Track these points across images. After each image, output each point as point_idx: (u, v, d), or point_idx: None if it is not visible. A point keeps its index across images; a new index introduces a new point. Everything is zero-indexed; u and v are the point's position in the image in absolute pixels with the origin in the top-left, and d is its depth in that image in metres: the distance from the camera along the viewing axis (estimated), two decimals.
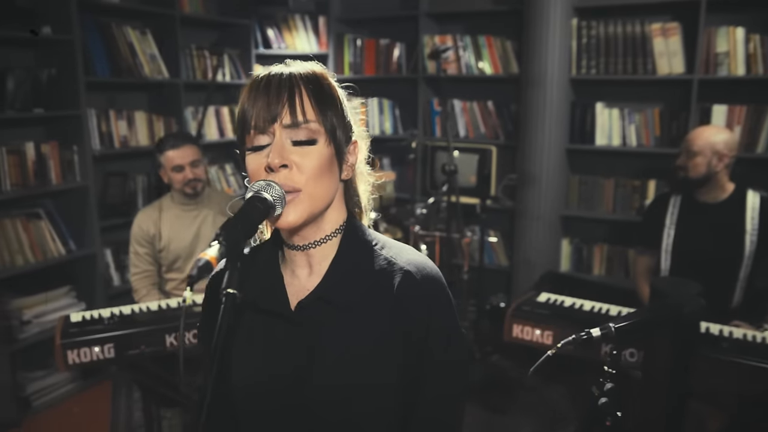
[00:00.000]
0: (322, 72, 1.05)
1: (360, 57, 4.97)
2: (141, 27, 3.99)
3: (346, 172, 1.07)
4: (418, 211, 4.11)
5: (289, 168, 0.98)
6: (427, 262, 1.08)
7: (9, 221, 3.35)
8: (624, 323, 1.56)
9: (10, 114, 3.30)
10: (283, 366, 1.05)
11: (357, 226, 1.10)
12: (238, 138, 1.03)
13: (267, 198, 0.95)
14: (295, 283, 1.08)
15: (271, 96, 0.98)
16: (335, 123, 1.02)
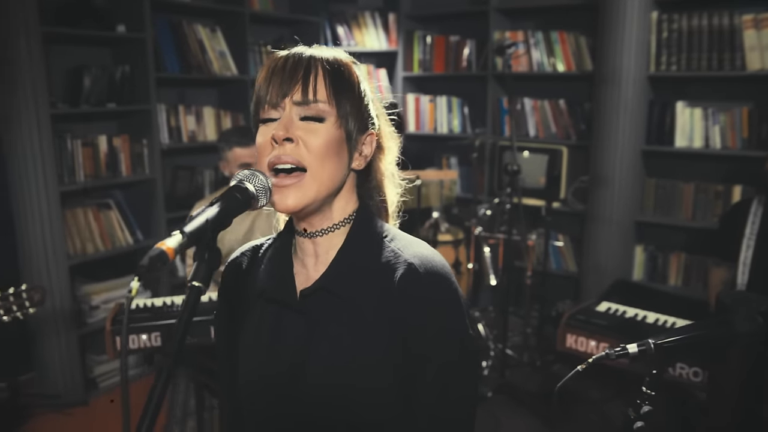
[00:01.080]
0: (346, 60, 1.03)
1: (429, 54, 4.90)
2: (211, 25, 4.08)
3: (357, 162, 1.04)
4: (481, 211, 3.99)
5: (295, 143, 0.96)
6: (434, 257, 1.02)
7: (81, 210, 3.52)
8: (665, 340, 1.41)
9: (85, 109, 3.46)
10: (284, 358, 1.02)
11: (368, 217, 1.07)
12: (253, 114, 1.03)
13: (248, 188, 0.93)
14: (303, 272, 1.06)
15: (286, 73, 0.97)
16: (348, 109, 0.99)
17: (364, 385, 0.97)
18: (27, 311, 2.22)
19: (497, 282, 3.77)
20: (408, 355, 0.98)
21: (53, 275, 3.26)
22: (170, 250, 0.79)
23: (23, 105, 3.11)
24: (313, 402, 0.99)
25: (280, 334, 1.04)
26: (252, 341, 1.07)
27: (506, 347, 3.60)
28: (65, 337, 3.36)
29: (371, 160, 1.08)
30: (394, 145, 1.13)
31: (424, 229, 4.00)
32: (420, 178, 3.68)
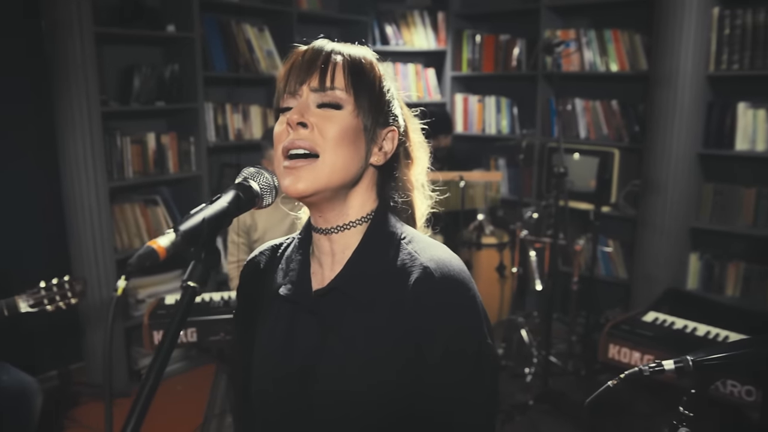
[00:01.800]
0: (368, 55, 1.01)
1: (479, 53, 4.81)
2: (259, 24, 4.12)
3: (376, 157, 1.01)
4: (528, 214, 3.89)
5: (310, 129, 0.94)
6: (452, 261, 0.98)
7: (129, 206, 3.60)
8: (705, 358, 1.31)
9: (135, 107, 3.54)
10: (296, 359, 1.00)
11: (386, 217, 1.03)
12: (274, 106, 1.02)
13: (252, 187, 0.91)
14: (320, 272, 1.04)
15: (305, 61, 0.97)
16: (366, 100, 0.97)
17: (375, 389, 0.94)
18: (69, 301, 2.28)
19: (542, 287, 3.66)
20: (421, 362, 0.94)
21: (101, 268, 3.35)
22: (161, 249, 0.77)
23: (76, 103, 3.20)
24: (322, 404, 0.97)
25: (293, 334, 1.02)
26: (267, 341, 1.06)
27: (550, 354, 3.49)
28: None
29: (398, 167, 1.06)
30: (424, 156, 1.11)
31: (468, 231, 3.93)
32: (464, 179, 3.62)
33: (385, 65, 1.04)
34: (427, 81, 5.07)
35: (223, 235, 4.03)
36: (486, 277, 3.83)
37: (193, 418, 3.08)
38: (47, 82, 3.30)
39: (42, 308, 2.22)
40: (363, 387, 0.94)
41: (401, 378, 0.94)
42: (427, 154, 1.12)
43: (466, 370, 0.94)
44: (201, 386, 3.45)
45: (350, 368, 0.95)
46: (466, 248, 3.87)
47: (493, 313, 3.82)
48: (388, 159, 1.03)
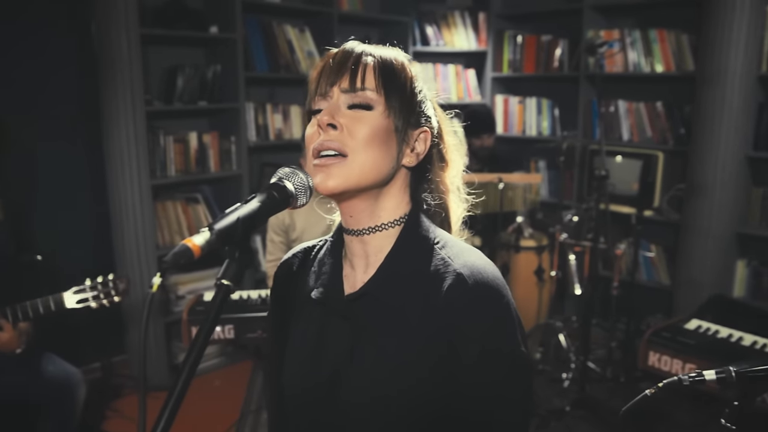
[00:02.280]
0: (399, 57, 1.00)
1: (520, 54, 4.76)
2: (300, 25, 4.16)
3: (409, 158, 1.00)
4: (567, 217, 3.83)
5: (339, 130, 0.94)
6: (486, 267, 0.96)
7: (171, 204, 3.68)
8: (750, 369, 1.27)
9: (178, 106, 3.61)
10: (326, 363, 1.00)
11: (420, 221, 1.02)
12: (306, 108, 1.02)
13: (287, 187, 0.91)
14: (353, 275, 1.03)
15: (335, 63, 0.97)
16: (398, 100, 0.97)
17: (405, 394, 0.93)
18: (112, 299, 2.34)
19: (581, 291, 3.60)
20: (453, 370, 0.92)
21: (143, 265, 3.42)
22: (196, 248, 0.78)
23: (122, 102, 3.28)
24: (353, 409, 0.96)
25: (324, 338, 1.02)
26: (298, 344, 1.06)
27: (588, 360, 3.43)
28: (153, 324, 3.53)
29: (431, 170, 1.04)
30: (459, 158, 1.09)
31: (506, 234, 3.89)
32: (503, 181, 3.58)
33: (418, 66, 1.04)
34: (468, 82, 5.04)
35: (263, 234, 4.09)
36: (524, 280, 3.78)
37: (229, 413, 3.13)
38: (95, 82, 3.40)
39: (87, 305, 2.28)
40: (393, 393, 0.93)
41: (432, 385, 0.93)
42: (462, 157, 1.09)
43: (500, 378, 0.93)
44: (238, 382, 3.50)
45: (381, 373, 0.94)
46: (504, 251, 3.83)
47: (530, 317, 3.77)
48: (421, 161, 1.02)
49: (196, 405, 3.35)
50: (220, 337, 2.50)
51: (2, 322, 2.22)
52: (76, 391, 2.45)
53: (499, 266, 3.67)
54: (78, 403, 2.46)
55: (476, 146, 4.00)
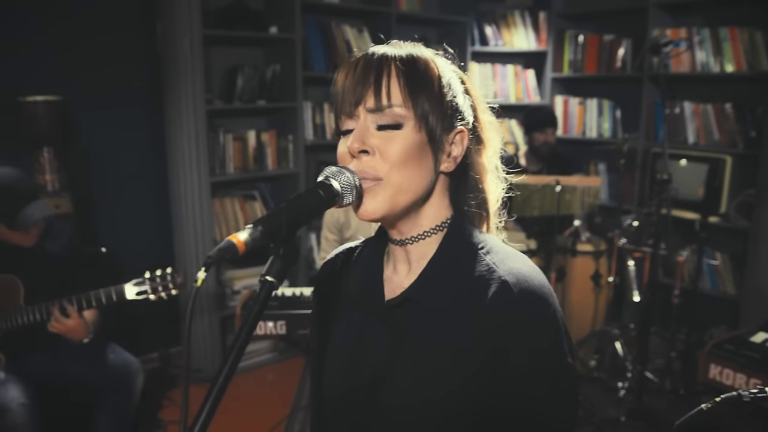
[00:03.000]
0: (423, 55, 0.96)
1: (581, 54, 4.66)
2: (358, 25, 4.18)
3: (446, 164, 0.96)
4: (627, 222, 3.72)
5: (372, 154, 0.92)
6: (533, 275, 0.93)
7: (229, 200, 3.76)
8: None
9: (237, 105, 3.69)
10: (366, 368, 0.99)
11: (462, 225, 1.00)
12: (335, 122, 0.99)
13: (333, 185, 0.90)
14: (394, 279, 1.02)
15: (357, 78, 0.93)
16: (428, 108, 0.92)
17: (445, 402, 0.91)
18: (170, 292, 2.40)
19: (640, 299, 3.49)
20: (496, 379, 0.90)
21: (200, 260, 3.52)
22: (241, 244, 0.79)
23: (184, 101, 3.38)
24: (391, 415, 0.95)
25: (364, 343, 1.01)
26: (338, 348, 1.05)
27: (646, 370, 3.32)
28: (208, 318, 3.62)
29: (468, 155, 1.00)
30: (496, 137, 1.04)
31: (563, 237, 3.81)
32: (560, 183, 3.51)
33: (442, 56, 1.00)
34: (527, 82, 4.96)
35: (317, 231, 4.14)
36: (580, 285, 3.70)
37: (281, 407, 3.18)
38: (159, 81, 3.51)
39: (146, 297, 2.36)
40: (433, 399, 0.92)
41: (472, 393, 0.91)
42: (499, 134, 1.05)
43: (544, 390, 0.90)
44: (290, 378, 3.56)
45: (420, 379, 0.93)
46: (561, 255, 3.75)
47: (585, 323, 3.68)
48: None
49: (248, 398, 3.42)
50: (272, 333, 2.54)
51: (69, 308, 2.32)
52: (134, 379, 2.53)
53: (554, 270, 3.60)
54: (135, 391, 2.54)
55: (539, 142, 3.94)
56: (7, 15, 3.11)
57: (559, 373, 0.90)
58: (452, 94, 0.96)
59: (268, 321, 2.52)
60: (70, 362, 2.50)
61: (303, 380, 3.19)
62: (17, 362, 2.40)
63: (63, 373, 2.50)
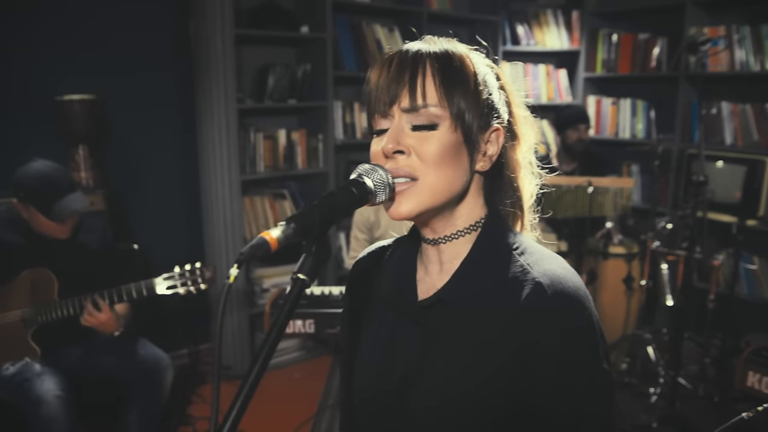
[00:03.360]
0: (458, 51, 0.94)
1: (614, 53, 4.58)
2: (389, 24, 4.18)
3: (481, 163, 0.95)
4: (661, 224, 3.64)
5: (407, 154, 0.90)
6: (568, 277, 0.90)
7: (259, 199, 3.79)
8: None
9: (268, 104, 3.71)
10: (396, 369, 0.98)
11: (497, 225, 0.98)
12: (368, 121, 0.98)
13: (366, 183, 0.89)
14: (427, 279, 1.00)
15: (392, 76, 0.91)
16: (464, 106, 0.90)
17: (475, 405, 0.90)
18: (199, 287, 2.43)
19: (674, 303, 3.42)
20: (528, 382, 0.88)
21: (231, 257, 3.55)
22: (273, 241, 0.79)
23: (216, 100, 3.42)
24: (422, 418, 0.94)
25: (396, 343, 1.00)
26: (370, 348, 1.04)
27: (678, 375, 3.25)
28: (237, 315, 3.65)
29: (503, 152, 0.98)
30: (531, 131, 1.02)
31: (594, 239, 3.75)
32: (593, 184, 3.46)
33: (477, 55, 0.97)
34: (559, 82, 4.90)
35: (347, 231, 4.14)
36: (612, 288, 3.64)
37: (308, 406, 3.19)
38: (190, 80, 3.55)
39: (175, 291, 2.39)
40: (463, 402, 0.90)
41: (504, 396, 0.89)
42: (534, 129, 1.03)
43: (578, 395, 0.88)
44: (317, 376, 3.56)
45: (451, 381, 0.91)
46: (592, 257, 3.69)
47: (617, 327, 3.62)
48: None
49: (275, 396, 3.44)
50: (301, 331, 2.55)
51: (100, 302, 2.36)
52: (164, 374, 2.56)
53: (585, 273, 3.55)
54: (165, 386, 2.57)
55: (572, 139, 3.89)
56: (44, 17, 3.18)
57: (594, 379, 0.88)
58: (488, 92, 0.94)
59: (297, 319, 2.53)
60: (102, 356, 2.55)
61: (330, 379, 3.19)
62: (52, 355, 2.45)
63: (95, 367, 2.54)
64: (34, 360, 2.40)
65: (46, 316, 2.42)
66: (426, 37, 0.97)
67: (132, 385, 2.52)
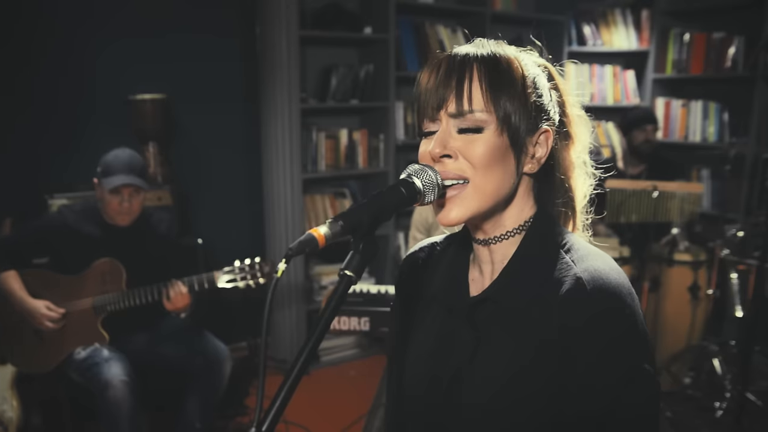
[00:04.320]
0: (507, 54, 0.94)
1: (686, 53, 4.42)
2: (452, 25, 4.17)
3: (529, 165, 0.95)
4: (731, 232, 3.50)
5: (454, 158, 0.92)
6: (610, 273, 0.90)
7: (320, 197, 3.86)
8: None
9: (330, 104, 3.77)
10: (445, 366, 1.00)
11: (545, 224, 0.98)
12: (417, 122, 1.00)
13: (415, 183, 0.90)
14: (480, 279, 1.02)
15: (439, 81, 0.93)
16: (510, 110, 0.91)
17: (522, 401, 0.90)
18: (258, 281, 2.50)
19: (743, 314, 3.28)
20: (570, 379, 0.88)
21: None
22: (321, 237, 0.81)
23: (280, 99, 3.50)
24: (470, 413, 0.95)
25: (446, 339, 1.01)
26: (420, 344, 1.06)
27: (747, 391, 3.11)
28: (296, 310, 3.73)
29: (554, 153, 0.98)
30: (585, 131, 1.02)
31: (659, 246, 3.63)
32: (658, 189, 3.36)
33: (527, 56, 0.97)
34: (626, 83, 4.77)
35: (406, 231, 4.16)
36: (676, 296, 3.51)
37: (362, 403, 3.21)
38: (255, 80, 3.64)
39: (235, 284, 2.46)
40: (511, 398, 0.91)
41: (548, 393, 0.89)
42: (588, 129, 1.03)
43: (617, 395, 0.86)
44: (373, 374, 3.59)
45: (499, 378, 0.92)
46: (656, 264, 3.58)
47: (680, 337, 3.49)
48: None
49: (330, 393, 3.49)
50: (356, 329, 2.58)
51: (182, 287, 2.48)
52: (223, 365, 2.65)
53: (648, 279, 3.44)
54: (223, 377, 2.66)
55: (639, 140, 3.78)
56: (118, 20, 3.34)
57: (634, 380, 0.87)
58: (537, 94, 0.94)
59: (353, 317, 2.57)
60: (165, 345, 2.66)
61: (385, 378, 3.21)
62: (119, 342, 2.57)
63: (157, 355, 2.66)
64: (102, 345, 2.53)
65: (114, 305, 2.54)
66: (476, 40, 0.97)
67: (192, 374, 2.62)
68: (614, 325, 0.87)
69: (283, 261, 0.80)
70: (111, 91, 3.32)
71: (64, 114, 3.27)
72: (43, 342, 2.56)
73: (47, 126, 3.24)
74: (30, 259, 2.70)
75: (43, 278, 2.60)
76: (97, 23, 3.29)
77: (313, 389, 3.56)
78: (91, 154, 2.68)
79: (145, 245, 2.67)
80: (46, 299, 2.53)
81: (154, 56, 3.42)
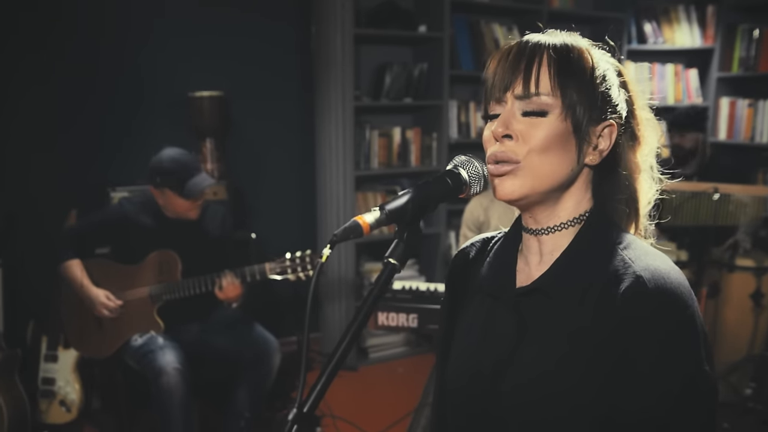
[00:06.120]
0: (577, 44, 0.95)
1: (755, 50, 4.25)
2: (508, 23, 4.13)
3: (591, 156, 0.95)
4: None
5: (515, 139, 0.92)
6: (671, 273, 0.88)
7: (371, 195, 3.89)
8: None
9: (384, 102, 3.80)
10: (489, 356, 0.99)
11: (601, 219, 0.97)
12: (483, 107, 1.01)
13: (461, 174, 0.92)
14: (526, 270, 1.01)
15: (509, 64, 0.93)
16: (576, 98, 0.91)
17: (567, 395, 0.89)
18: (307, 273, 2.55)
19: None
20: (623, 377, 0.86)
21: (342, 249, 3.66)
22: (365, 225, 0.83)
23: (334, 97, 3.54)
24: (513, 405, 0.94)
25: (491, 329, 1.01)
26: (465, 336, 1.06)
27: None
28: (346, 306, 3.76)
29: (619, 150, 0.97)
30: (653, 135, 1.00)
31: (719, 250, 3.50)
32: (719, 191, 3.23)
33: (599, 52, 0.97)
34: (688, 82, 4.62)
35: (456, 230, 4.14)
36: (737, 303, 3.38)
37: (409, 400, 3.22)
38: (310, 78, 3.70)
39: (285, 276, 2.51)
40: (555, 391, 0.90)
41: (597, 389, 0.87)
42: (657, 133, 1.01)
43: (673, 397, 0.84)
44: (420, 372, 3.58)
45: (543, 370, 0.91)
46: (716, 269, 3.45)
47: (741, 346, 3.36)
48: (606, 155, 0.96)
49: (378, 389, 3.51)
50: (404, 325, 2.58)
51: (235, 279, 2.54)
52: (272, 358, 2.70)
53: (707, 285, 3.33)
54: (272, 369, 2.71)
55: (673, 143, 3.61)
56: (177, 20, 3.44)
57: (693, 381, 0.85)
58: (606, 86, 0.94)
59: (401, 313, 2.57)
60: (217, 336, 2.73)
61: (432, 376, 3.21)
62: (174, 331, 2.65)
63: (210, 345, 2.73)
64: (158, 334, 2.62)
65: (170, 294, 2.62)
66: (548, 30, 0.98)
67: (242, 365, 2.68)
68: (676, 322, 0.85)
69: (328, 246, 0.82)
70: (170, 88, 3.43)
71: (126, 111, 3.40)
72: (103, 328, 2.67)
73: (110, 123, 3.38)
74: (93, 249, 2.81)
75: (105, 267, 2.71)
76: (161, 24, 3.40)
77: (360, 385, 3.58)
78: (150, 150, 2.78)
79: (200, 238, 2.74)
80: (107, 287, 2.63)
81: (211, 54, 3.52)
